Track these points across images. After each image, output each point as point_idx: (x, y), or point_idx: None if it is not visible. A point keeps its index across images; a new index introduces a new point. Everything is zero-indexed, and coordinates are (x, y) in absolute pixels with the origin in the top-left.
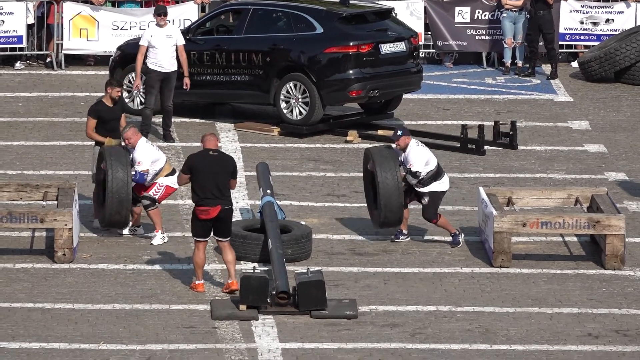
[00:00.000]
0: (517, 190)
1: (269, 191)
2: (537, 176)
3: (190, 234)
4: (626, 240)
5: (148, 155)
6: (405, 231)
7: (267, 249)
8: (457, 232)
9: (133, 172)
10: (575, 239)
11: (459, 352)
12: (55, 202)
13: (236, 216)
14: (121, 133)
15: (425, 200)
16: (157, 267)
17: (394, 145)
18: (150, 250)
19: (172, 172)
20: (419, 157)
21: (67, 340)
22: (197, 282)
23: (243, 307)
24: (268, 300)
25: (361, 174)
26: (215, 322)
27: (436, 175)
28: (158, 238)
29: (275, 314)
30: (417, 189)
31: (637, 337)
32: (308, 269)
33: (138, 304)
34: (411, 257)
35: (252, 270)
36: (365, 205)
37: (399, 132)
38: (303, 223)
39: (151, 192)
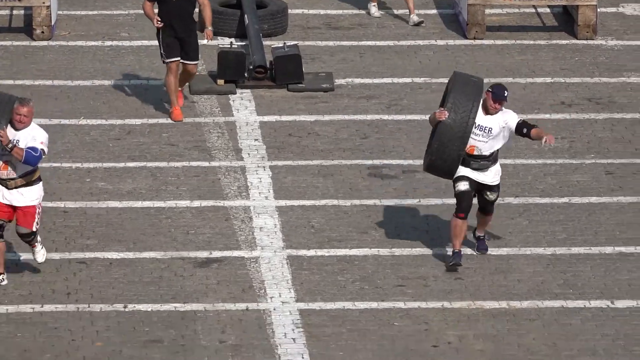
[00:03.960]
0: None
1: None
2: None
3: None
4: (598, 10)
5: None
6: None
7: (244, 24)
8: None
9: (33, 150)
10: (547, 10)
11: None
12: None
13: None
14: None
15: (494, 195)
16: (135, 43)
17: (493, 105)
18: (128, 27)
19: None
20: None
21: (48, 116)
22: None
23: (221, 82)
24: (245, 74)
25: None
26: (194, 97)
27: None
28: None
29: (253, 88)
30: (486, 176)
31: (609, 104)
32: (284, 43)
33: (117, 79)
34: (386, 31)
35: (229, 46)
36: None
37: (507, 93)
38: None
39: (34, 225)
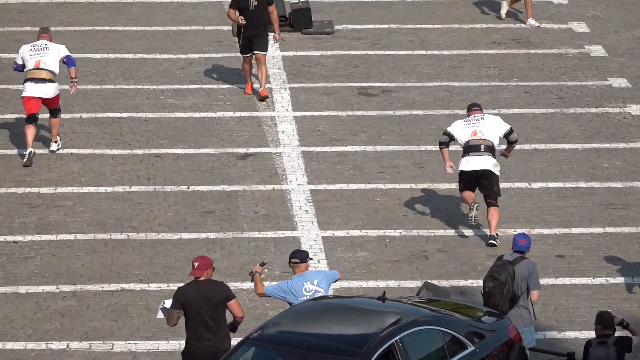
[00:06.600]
0: None
1: None
2: None
3: None
4: None
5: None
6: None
7: None
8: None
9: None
10: None
11: (404, 56)
12: None
13: None
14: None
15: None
16: None
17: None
18: None
19: None
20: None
21: (132, 52)
22: None
23: None
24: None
25: None
26: (235, 38)
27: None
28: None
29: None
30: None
31: (527, 43)
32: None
33: (181, 26)
34: None
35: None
36: None
37: None
38: None
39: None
